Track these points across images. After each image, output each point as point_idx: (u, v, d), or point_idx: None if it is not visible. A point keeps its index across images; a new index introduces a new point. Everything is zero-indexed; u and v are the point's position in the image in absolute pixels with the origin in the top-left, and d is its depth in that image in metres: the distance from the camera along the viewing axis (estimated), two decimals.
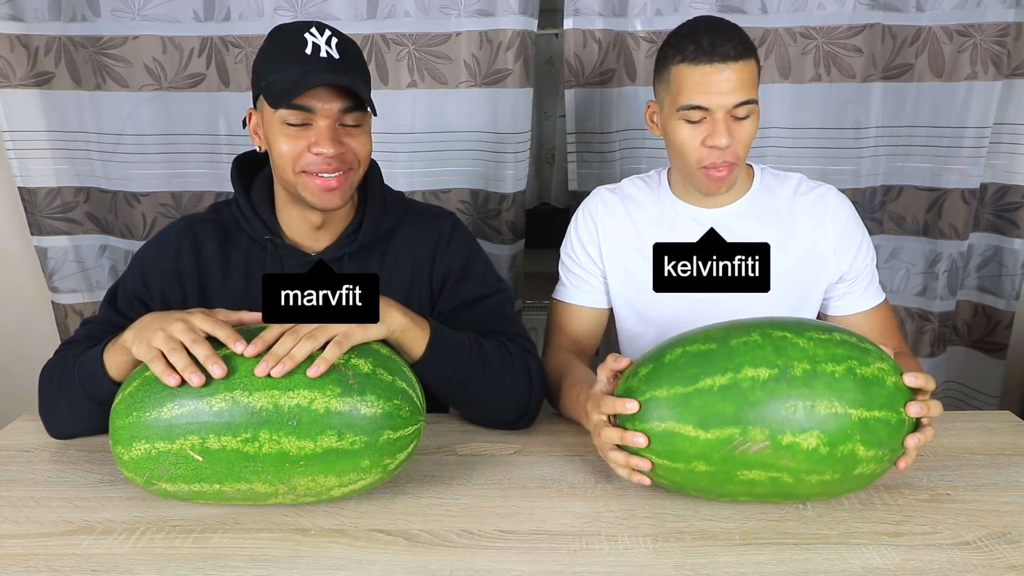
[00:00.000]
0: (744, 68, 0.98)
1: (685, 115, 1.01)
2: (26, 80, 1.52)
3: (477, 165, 1.58)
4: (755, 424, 0.71)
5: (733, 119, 1.00)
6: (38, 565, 0.71)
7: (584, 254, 1.18)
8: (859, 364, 0.73)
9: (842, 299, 1.15)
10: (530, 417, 1.00)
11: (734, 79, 0.97)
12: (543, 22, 1.64)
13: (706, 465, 0.74)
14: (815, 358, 0.73)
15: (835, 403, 0.71)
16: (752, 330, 0.76)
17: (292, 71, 0.89)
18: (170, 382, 0.73)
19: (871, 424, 0.72)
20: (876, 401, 0.72)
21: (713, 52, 0.97)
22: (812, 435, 0.71)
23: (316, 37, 0.90)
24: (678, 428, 0.74)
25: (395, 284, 1.04)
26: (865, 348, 0.75)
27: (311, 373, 0.73)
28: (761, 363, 0.73)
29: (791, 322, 0.78)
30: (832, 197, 1.13)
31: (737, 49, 0.97)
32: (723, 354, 0.75)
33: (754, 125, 1.02)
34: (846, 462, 0.72)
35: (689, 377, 0.74)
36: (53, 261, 1.64)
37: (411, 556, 0.72)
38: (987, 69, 1.47)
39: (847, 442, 0.71)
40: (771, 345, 0.74)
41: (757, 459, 0.72)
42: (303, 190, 0.94)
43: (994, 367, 1.69)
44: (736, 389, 0.72)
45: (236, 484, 0.74)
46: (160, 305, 1.00)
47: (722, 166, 1.02)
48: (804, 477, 0.73)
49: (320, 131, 0.91)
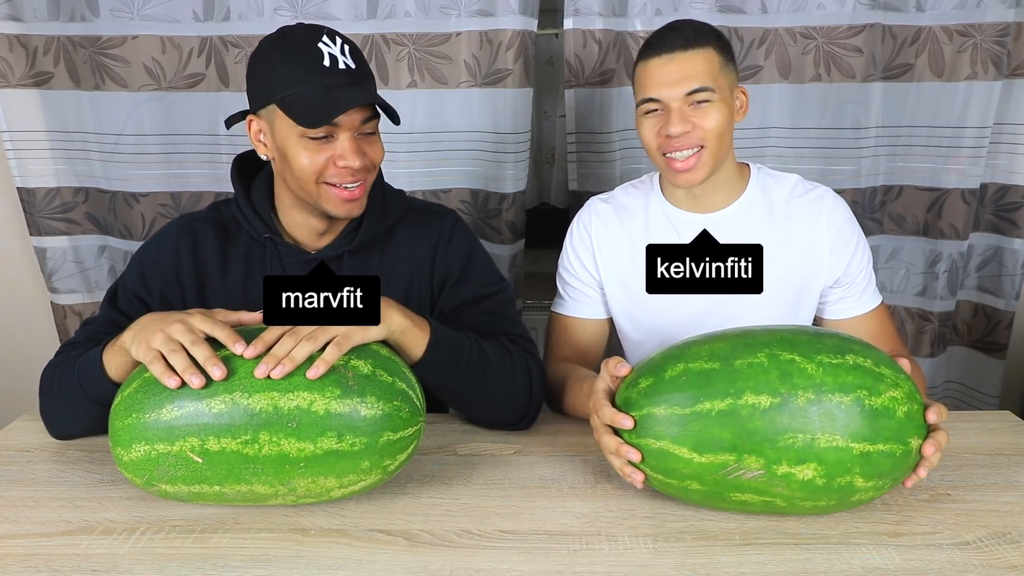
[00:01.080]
0: (693, 57, 0.99)
1: (643, 109, 1.04)
2: (25, 80, 1.52)
3: (477, 165, 1.58)
4: (751, 453, 0.70)
5: (693, 107, 1.00)
6: (38, 565, 0.71)
7: (581, 266, 1.18)
8: (869, 394, 0.70)
9: (838, 303, 1.14)
10: (530, 418, 1.00)
11: (684, 69, 0.99)
12: (543, 22, 1.64)
13: (699, 485, 0.73)
14: (822, 387, 0.70)
15: (836, 437, 0.69)
16: (759, 350, 0.73)
17: (313, 86, 0.88)
18: (170, 384, 0.72)
19: (873, 457, 0.70)
20: (882, 434, 0.70)
21: (662, 45, 1.00)
22: (809, 467, 0.70)
23: (331, 47, 0.89)
24: (673, 449, 0.73)
25: (395, 283, 1.04)
26: (879, 374, 0.71)
27: (311, 375, 0.73)
28: (763, 390, 0.70)
29: (803, 341, 0.74)
30: (829, 199, 1.11)
31: (685, 39, 0.99)
32: (725, 376, 0.72)
33: (721, 113, 1.00)
34: (843, 492, 0.71)
35: (688, 398, 0.73)
36: (52, 261, 1.64)
37: (411, 556, 0.72)
38: (987, 69, 1.47)
39: (845, 475, 0.70)
40: (777, 370, 0.71)
41: (751, 485, 0.72)
42: (324, 201, 0.94)
43: (994, 367, 1.69)
44: (735, 416, 0.70)
45: (236, 485, 0.74)
46: (159, 303, 1.00)
47: (686, 155, 1.01)
48: (798, 503, 0.73)
49: (345, 144, 0.90)
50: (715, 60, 1.01)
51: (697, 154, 1.01)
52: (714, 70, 1.00)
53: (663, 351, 0.80)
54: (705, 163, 1.02)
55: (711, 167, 1.03)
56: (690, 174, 1.02)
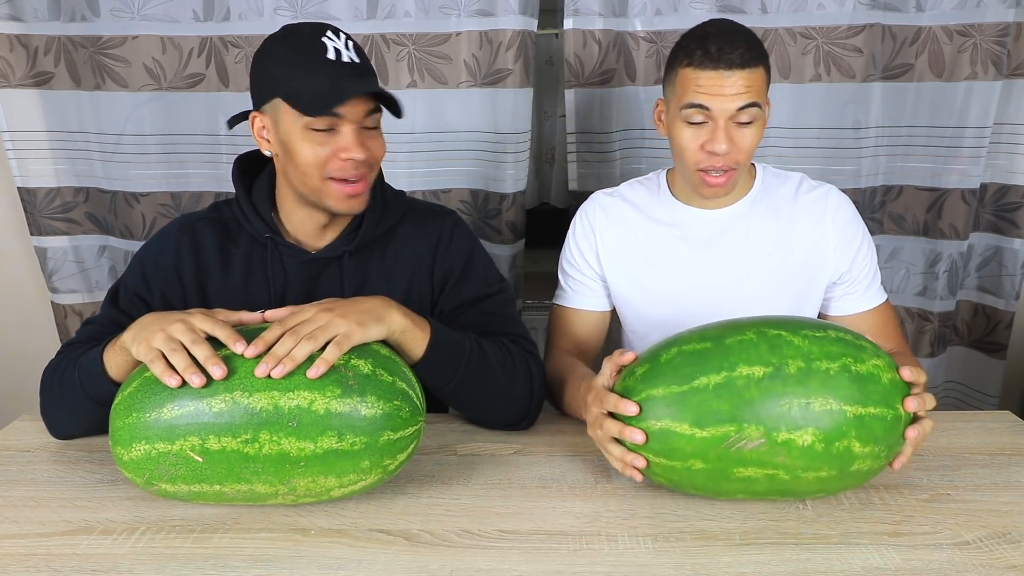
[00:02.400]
0: (750, 75, 0.98)
1: (687, 115, 1.01)
2: (25, 80, 1.52)
3: (477, 165, 1.58)
4: (750, 422, 0.72)
5: (735, 125, 1.00)
6: (38, 565, 0.71)
7: (582, 259, 1.18)
8: (854, 361, 0.73)
9: (843, 299, 1.15)
10: (531, 418, 1.00)
11: (739, 85, 0.97)
12: (543, 22, 1.64)
13: (702, 463, 0.74)
14: (810, 355, 0.73)
15: (830, 400, 0.71)
16: (747, 329, 0.77)
17: (320, 77, 0.88)
18: (171, 383, 0.72)
19: (866, 420, 0.72)
20: (871, 398, 0.72)
21: (720, 58, 0.97)
22: (807, 432, 0.71)
23: (335, 41, 0.90)
24: (674, 426, 0.74)
25: (395, 283, 1.04)
26: (860, 345, 0.75)
27: (311, 374, 0.73)
28: (756, 361, 0.73)
29: (786, 320, 0.78)
30: (833, 196, 1.13)
31: (744, 56, 0.97)
32: (718, 353, 0.75)
33: (757, 132, 1.02)
34: (842, 458, 0.72)
35: (684, 376, 0.75)
36: (53, 261, 1.64)
37: (411, 556, 0.72)
38: (987, 69, 1.46)
39: (842, 439, 0.72)
40: (766, 343, 0.74)
41: (753, 456, 0.72)
42: (327, 197, 0.94)
43: (994, 367, 1.69)
44: (731, 387, 0.72)
45: (236, 485, 0.74)
46: (160, 303, 1.01)
47: (720, 173, 1.02)
48: (800, 474, 0.73)
49: (349, 137, 0.91)
50: (764, 78, 1.01)
51: (728, 173, 1.03)
52: (763, 88, 1.01)
53: (655, 344, 0.82)
54: (734, 181, 1.05)
55: (737, 181, 1.07)
56: (720, 188, 1.05)
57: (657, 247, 1.14)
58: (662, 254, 1.14)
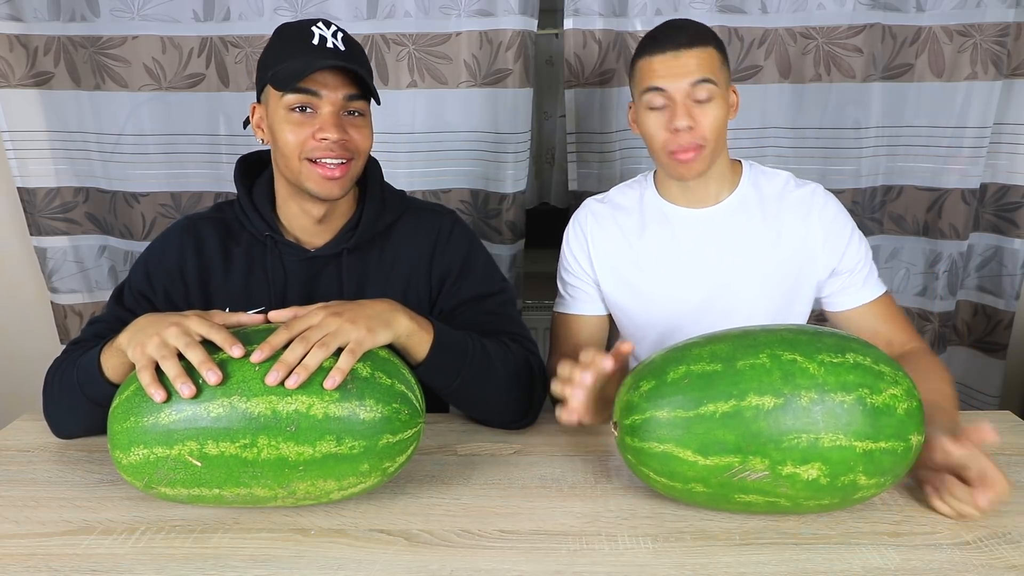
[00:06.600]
0: (700, 54, 1.02)
1: (648, 100, 1.05)
2: (25, 80, 1.52)
3: (477, 165, 1.58)
4: (755, 454, 0.70)
5: (694, 103, 1.03)
6: (38, 565, 0.71)
7: (578, 266, 1.20)
8: (870, 392, 0.70)
9: (841, 294, 1.15)
10: (532, 417, 1.00)
11: (691, 64, 1.02)
12: (543, 22, 1.64)
13: (703, 487, 0.73)
14: (824, 387, 0.70)
15: (840, 436, 0.69)
16: (761, 351, 0.73)
17: (299, 59, 0.91)
18: (156, 397, 0.71)
19: (876, 455, 0.70)
20: (884, 432, 0.70)
21: (667, 42, 1.03)
22: (813, 467, 0.70)
23: (323, 30, 0.93)
24: (677, 452, 0.72)
25: (394, 281, 1.05)
26: (879, 372, 0.72)
27: (328, 385, 0.71)
28: (767, 391, 0.70)
29: (804, 341, 0.74)
30: (819, 193, 1.14)
31: (693, 38, 1.03)
32: (728, 377, 0.72)
33: (718, 110, 1.04)
34: (846, 490, 0.71)
35: (691, 401, 0.72)
36: (52, 261, 1.64)
37: (411, 556, 0.72)
38: (987, 69, 1.47)
39: (849, 473, 0.70)
40: (779, 370, 0.71)
41: (755, 486, 0.72)
42: (306, 179, 0.95)
43: (994, 367, 1.69)
44: (739, 417, 0.70)
45: (235, 489, 0.73)
46: (163, 301, 1.01)
47: (688, 147, 1.04)
48: (802, 502, 0.73)
49: (325, 117, 0.93)
50: (715, 58, 1.05)
51: (697, 150, 1.04)
52: (715, 66, 1.04)
53: (663, 352, 0.80)
54: (704, 158, 1.06)
55: (709, 162, 1.08)
56: (692, 166, 1.06)
57: (646, 248, 1.15)
58: (651, 255, 1.15)
